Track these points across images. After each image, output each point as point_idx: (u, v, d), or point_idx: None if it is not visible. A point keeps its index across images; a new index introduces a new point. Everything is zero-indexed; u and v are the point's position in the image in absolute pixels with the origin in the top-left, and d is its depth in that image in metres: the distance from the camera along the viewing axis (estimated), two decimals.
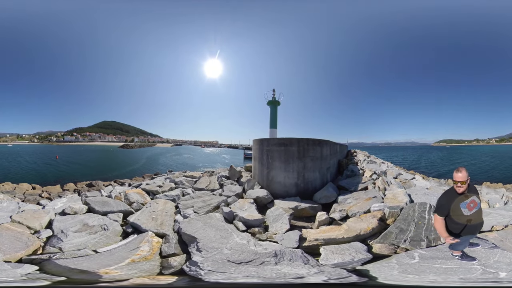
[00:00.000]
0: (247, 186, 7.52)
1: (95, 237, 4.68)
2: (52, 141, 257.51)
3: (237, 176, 9.48)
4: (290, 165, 6.96)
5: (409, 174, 13.09)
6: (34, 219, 5.11)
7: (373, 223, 4.40)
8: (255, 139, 8.42)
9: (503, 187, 13.65)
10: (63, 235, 4.62)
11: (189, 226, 4.69)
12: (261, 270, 3.26)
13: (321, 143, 7.74)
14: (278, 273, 3.18)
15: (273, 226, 4.93)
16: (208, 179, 9.55)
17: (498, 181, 17.59)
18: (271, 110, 15.09)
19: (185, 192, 7.60)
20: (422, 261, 3.51)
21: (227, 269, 3.30)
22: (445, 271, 3.26)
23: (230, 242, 4.07)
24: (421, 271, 3.29)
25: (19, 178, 19.91)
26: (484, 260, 3.49)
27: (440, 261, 3.48)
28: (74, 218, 5.30)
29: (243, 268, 3.32)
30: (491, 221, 4.90)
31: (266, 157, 7.28)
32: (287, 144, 7.06)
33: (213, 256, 3.62)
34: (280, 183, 7.01)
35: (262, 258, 3.50)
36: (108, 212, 5.59)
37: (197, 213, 5.75)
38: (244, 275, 3.16)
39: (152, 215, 5.44)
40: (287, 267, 3.30)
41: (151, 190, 7.69)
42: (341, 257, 3.55)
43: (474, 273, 3.23)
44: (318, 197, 6.62)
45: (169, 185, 8.34)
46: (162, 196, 7.03)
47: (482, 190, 7.14)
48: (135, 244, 4.28)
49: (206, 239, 4.18)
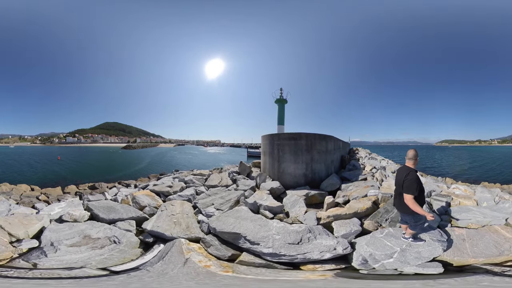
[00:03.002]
0: (259, 179, 8.07)
1: (102, 253, 3.91)
2: (54, 143, 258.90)
3: (248, 171, 10.01)
4: (299, 157, 7.64)
5: None
6: (21, 225, 4.38)
7: (368, 205, 5.10)
8: (265, 135, 9.05)
9: (500, 187, 13.47)
10: (51, 249, 3.87)
11: (222, 223, 4.44)
12: (311, 245, 3.86)
13: (326, 138, 8.40)
14: (321, 245, 3.85)
15: (292, 211, 5.56)
16: (219, 176, 9.58)
17: (497, 182, 17.49)
18: (279, 108, 15.85)
19: (199, 191, 7.45)
20: (384, 237, 4.17)
21: (297, 250, 3.75)
22: (388, 247, 3.88)
23: (272, 229, 4.20)
24: (378, 245, 3.95)
25: (20, 179, 19.29)
26: (411, 248, 3.83)
27: (393, 239, 4.07)
28: (72, 227, 4.54)
29: (301, 247, 3.82)
30: (470, 219, 4.93)
31: (277, 151, 7.94)
32: (296, 138, 7.75)
33: (274, 244, 3.81)
34: (290, 174, 7.68)
35: (305, 235, 4.03)
36: (116, 220, 4.96)
37: (221, 209, 5.68)
38: (309, 251, 3.76)
39: (173, 219, 4.97)
40: (321, 240, 3.99)
41: (161, 191, 7.31)
42: (345, 229, 4.37)
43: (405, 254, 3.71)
44: (325, 186, 7.32)
45: (180, 185, 7.98)
46: (176, 196, 6.70)
47: (477, 190, 7.20)
48: (174, 255, 3.75)
49: (249, 231, 4.12)
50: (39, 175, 24.57)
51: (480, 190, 7.11)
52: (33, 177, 22.45)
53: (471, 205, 5.72)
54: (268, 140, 8.55)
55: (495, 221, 4.72)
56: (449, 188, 7.52)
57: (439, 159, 54.66)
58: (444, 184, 8.57)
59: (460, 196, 6.30)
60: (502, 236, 4.09)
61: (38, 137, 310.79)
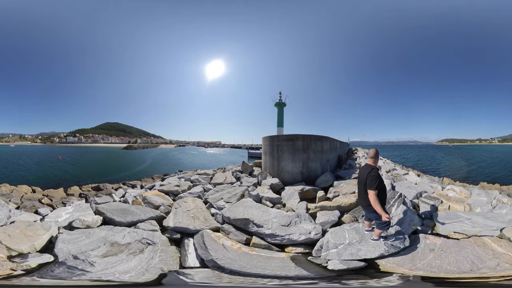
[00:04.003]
0: (261, 177, 8.83)
1: (149, 257, 3.76)
2: (54, 142, 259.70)
3: (250, 170, 10.84)
4: (296, 157, 8.40)
5: (404, 170, 14.02)
6: (24, 237, 3.80)
7: (352, 200, 5.72)
8: (265, 136, 9.80)
9: (499, 188, 12.91)
10: (79, 263, 3.45)
11: (234, 213, 5.17)
12: (296, 228, 4.74)
13: (322, 138, 9.14)
14: (302, 228, 4.71)
15: (288, 202, 6.45)
16: (223, 174, 10.21)
17: (497, 182, 16.39)
18: (278, 111, 16.70)
19: (206, 188, 8.07)
20: (349, 229, 4.61)
21: (286, 231, 4.61)
22: (343, 238, 4.33)
23: (271, 214, 5.15)
24: (339, 235, 4.43)
25: (20, 179, 19.03)
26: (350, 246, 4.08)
27: (353, 232, 4.48)
28: (90, 235, 4.20)
29: (289, 228, 4.69)
30: (456, 227, 4.49)
31: (277, 151, 8.71)
32: (294, 139, 8.53)
33: (272, 226, 4.70)
34: (288, 172, 8.44)
35: (293, 219, 4.95)
36: (136, 222, 4.96)
37: (230, 202, 6.39)
38: (292, 232, 4.60)
39: (190, 214, 5.34)
40: (304, 224, 4.85)
41: (170, 191, 7.77)
42: (324, 217, 5.16)
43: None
44: (319, 182, 8.06)
45: (187, 184, 8.47)
46: (187, 194, 7.24)
47: (473, 191, 6.94)
48: (211, 244, 4.22)
49: (255, 216, 4.95)
50: (40, 175, 24.08)
51: (477, 192, 6.77)
52: (34, 178, 21.91)
53: (461, 210, 5.43)
54: (268, 141, 9.30)
55: (487, 231, 4.21)
56: (444, 189, 7.33)
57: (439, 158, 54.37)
58: (439, 185, 8.35)
59: (451, 200, 6.02)
60: (490, 250, 3.68)
61: (39, 136, 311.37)
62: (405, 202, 5.40)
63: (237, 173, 10.55)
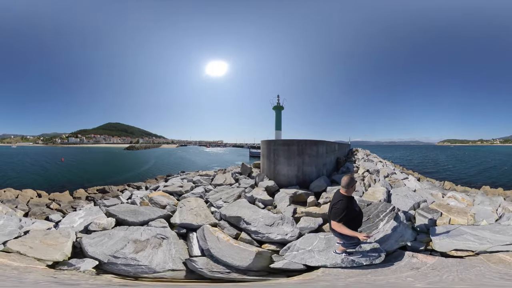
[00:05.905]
0: (258, 179, 9.16)
1: (167, 249, 4.40)
2: (56, 143, 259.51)
3: (248, 171, 11.15)
4: (292, 161, 8.75)
5: (403, 174, 13.14)
6: (47, 246, 3.80)
7: None
8: (263, 140, 10.18)
9: (503, 193, 12.11)
10: (125, 260, 3.88)
11: (229, 211, 5.85)
12: (277, 228, 5.23)
13: (317, 143, 9.47)
14: (281, 230, 5.19)
15: (279, 204, 6.82)
16: (223, 176, 10.54)
17: (500, 185, 15.92)
18: (276, 114, 16.90)
19: (207, 189, 8.49)
20: (322, 238, 4.74)
21: (267, 230, 5.14)
22: (308, 244, 4.62)
23: (259, 214, 5.69)
24: (308, 241, 4.70)
25: (25, 183, 18.68)
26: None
27: (324, 241, 4.64)
28: (111, 236, 4.48)
29: (271, 228, 5.20)
30: (457, 243, 3.89)
31: (273, 155, 9.07)
32: (290, 144, 8.88)
33: (258, 224, 5.28)
34: (284, 175, 8.80)
35: (277, 221, 5.44)
36: (147, 221, 5.48)
37: (227, 202, 6.93)
38: (272, 232, 5.11)
39: (193, 212, 5.95)
40: (284, 226, 5.32)
41: (174, 191, 8.25)
42: (305, 223, 5.46)
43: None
44: (313, 187, 8.32)
45: (189, 185, 8.99)
46: (190, 194, 7.78)
47: (476, 198, 6.60)
48: (209, 236, 4.87)
49: (246, 215, 5.57)
50: (44, 178, 23.93)
51: (480, 199, 6.41)
52: (38, 180, 21.66)
53: (464, 223, 4.84)
54: (266, 145, 9.70)
55: (498, 247, 3.66)
56: (445, 197, 6.96)
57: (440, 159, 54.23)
58: (440, 191, 7.81)
59: (453, 211, 5.44)
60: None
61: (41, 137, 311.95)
62: (398, 217, 5.10)
63: (236, 175, 10.83)
